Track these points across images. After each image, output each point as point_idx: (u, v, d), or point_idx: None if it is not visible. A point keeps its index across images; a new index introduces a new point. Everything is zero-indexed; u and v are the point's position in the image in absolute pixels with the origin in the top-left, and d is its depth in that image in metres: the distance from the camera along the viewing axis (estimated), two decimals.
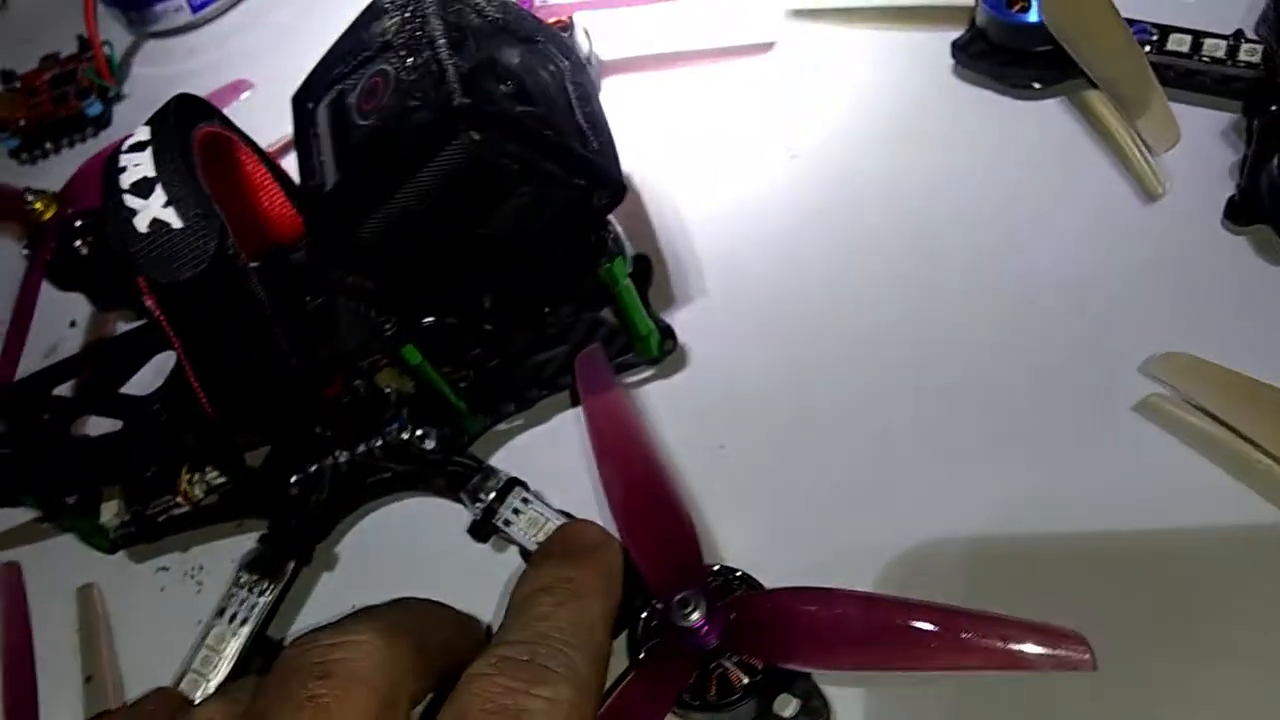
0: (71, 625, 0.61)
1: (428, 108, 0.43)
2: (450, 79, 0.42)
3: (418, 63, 0.44)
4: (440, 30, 0.44)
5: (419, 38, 0.45)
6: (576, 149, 0.46)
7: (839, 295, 0.58)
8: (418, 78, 0.43)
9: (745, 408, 0.57)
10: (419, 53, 0.44)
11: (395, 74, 0.44)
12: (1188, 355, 0.49)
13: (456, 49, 0.44)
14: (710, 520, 0.53)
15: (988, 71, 0.62)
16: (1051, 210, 0.57)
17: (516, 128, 0.43)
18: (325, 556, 0.58)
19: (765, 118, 0.66)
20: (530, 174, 0.45)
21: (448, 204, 0.45)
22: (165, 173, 0.46)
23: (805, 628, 0.44)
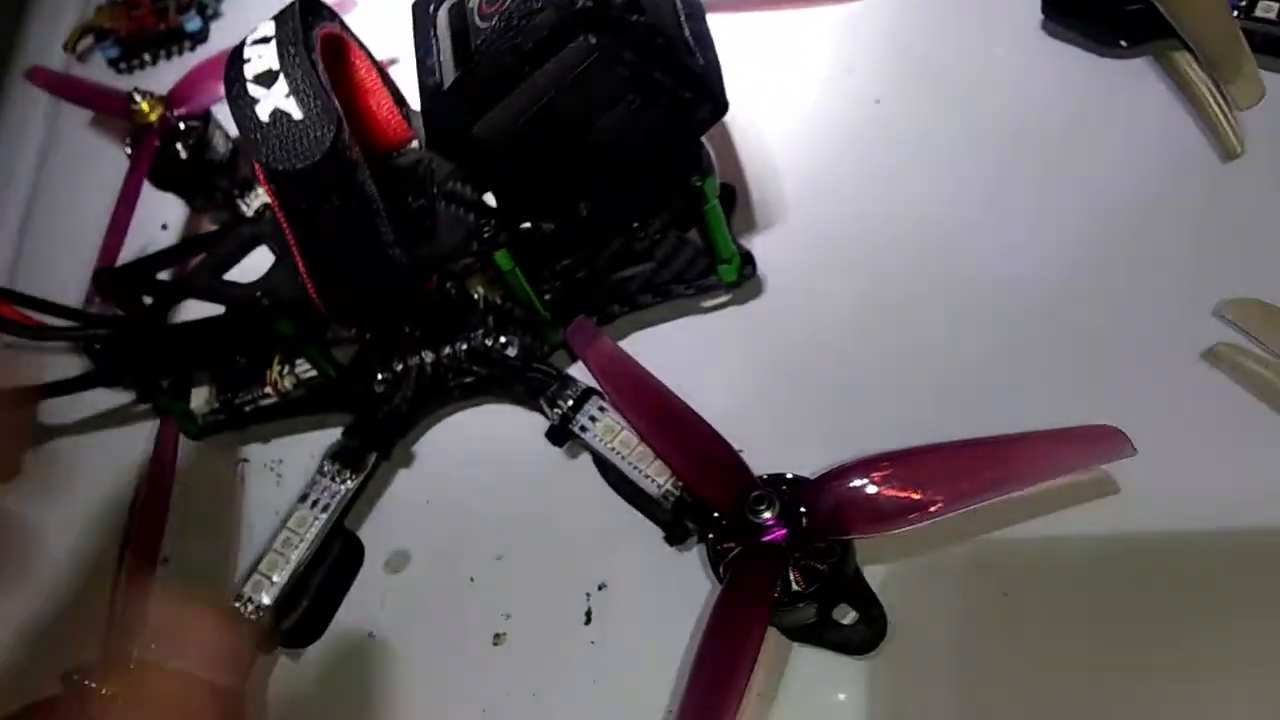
0: None
1: (550, 9, 0.44)
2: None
3: None
4: None
5: None
6: (685, 62, 0.47)
7: (916, 238, 0.60)
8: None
9: (817, 337, 0.58)
10: None
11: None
12: (1258, 300, 0.50)
13: None
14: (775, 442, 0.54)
15: (1077, 28, 0.62)
16: (1133, 163, 0.58)
17: (633, 34, 0.45)
18: (404, 454, 0.61)
19: (852, 63, 0.67)
20: (641, 82, 0.46)
21: (559, 106, 0.46)
22: (288, 65, 0.48)
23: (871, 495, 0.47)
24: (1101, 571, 0.48)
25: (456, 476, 0.60)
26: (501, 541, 0.57)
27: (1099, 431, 0.46)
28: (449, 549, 0.58)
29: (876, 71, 0.66)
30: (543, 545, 0.56)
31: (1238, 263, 0.54)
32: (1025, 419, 0.50)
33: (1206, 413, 0.50)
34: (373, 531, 0.59)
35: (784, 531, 0.47)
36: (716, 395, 0.56)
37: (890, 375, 0.56)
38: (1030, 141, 0.61)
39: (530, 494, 0.58)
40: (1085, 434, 0.46)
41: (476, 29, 0.47)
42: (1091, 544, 0.49)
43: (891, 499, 0.47)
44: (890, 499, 0.47)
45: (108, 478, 0.65)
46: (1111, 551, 0.48)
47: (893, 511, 0.46)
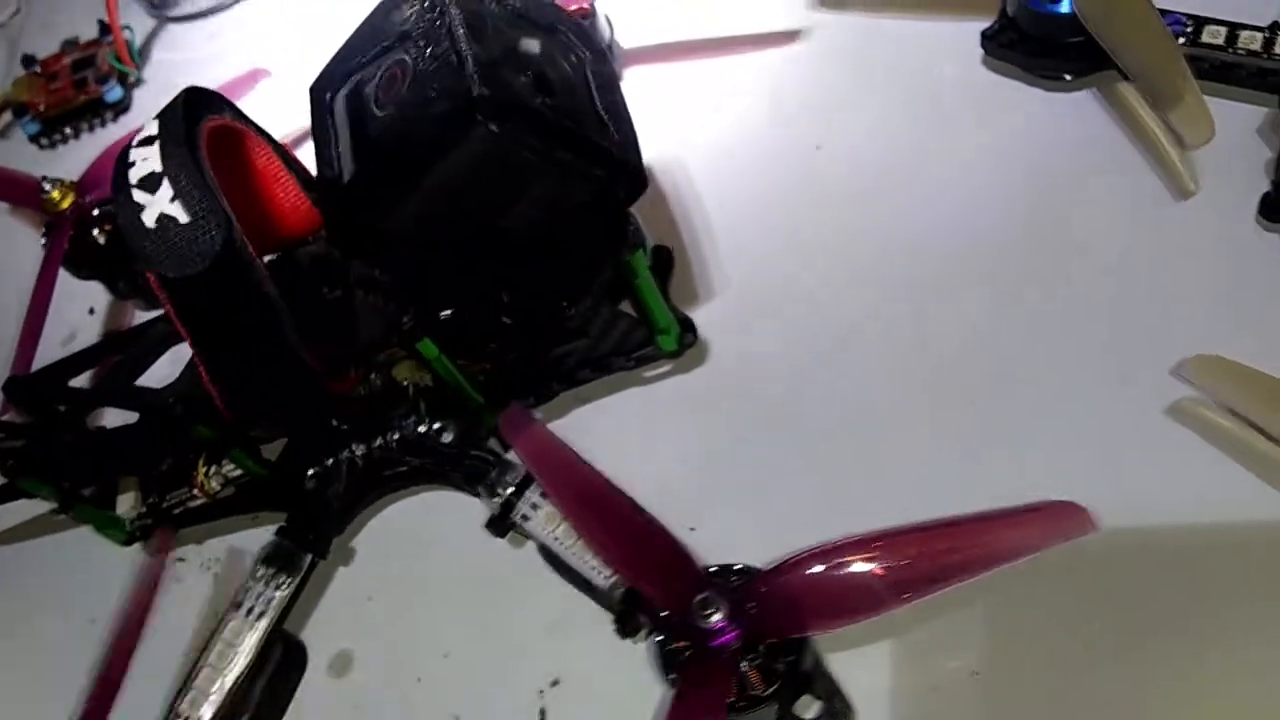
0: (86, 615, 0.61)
1: (447, 98, 0.42)
2: (469, 69, 0.42)
3: (437, 52, 0.43)
4: (459, 20, 0.43)
5: (438, 27, 0.44)
6: (596, 140, 0.45)
7: (863, 289, 0.58)
8: (437, 68, 0.43)
9: (765, 401, 0.56)
10: (438, 42, 0.43)
11: (414, 64, 0.44)
12: (1219, 358, 0.48)
13: (476, 39, 0.43)
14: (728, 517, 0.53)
15: (1018, 62, 0.60)
16: (1082, 205, 0.56)
17: (536, 119, 0.43)
18: (342, 550, 0.58)
19: (790, 109, 0.65)
20: (549, 165, 0.44)
21: (467, 195, 0.44)
22: (172, 167, 0.46)
23: (825, 587, 0.44)
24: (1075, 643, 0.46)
25: (398, 570, 0.57)
26: (449, 637, 0.55)
27: (1061, 509, 0.44)
28: (394, 648, 0.55)
29: (815, 117, 0.64)
30: (491, 640, 0.54)
31: (1196, 310, 0.52)
32: (985, 488, 0.48)
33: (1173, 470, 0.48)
34: (314, 633, 0.57)
35: (735, 633, 0.44)
36: (664, 469, 0.55)
37: (841, 444, 0.54)
38: (977, 186, 0.59)
39: (476, 584, 0.56)
40: (1047, 513, 0.44)
41: (374, 118, 0.45)
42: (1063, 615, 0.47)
43: (849, 592, 0.44)
44: (847, 592, 0.44)
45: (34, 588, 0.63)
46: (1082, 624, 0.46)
47: (851, 606, 0.44)
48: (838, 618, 0.44)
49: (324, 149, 0.47)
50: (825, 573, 0.45)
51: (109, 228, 0.65)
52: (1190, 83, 0.53)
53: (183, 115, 0.48)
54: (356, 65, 0.47)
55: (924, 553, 0.44)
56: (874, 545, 0.44)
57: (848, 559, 0.44)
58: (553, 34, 0.48)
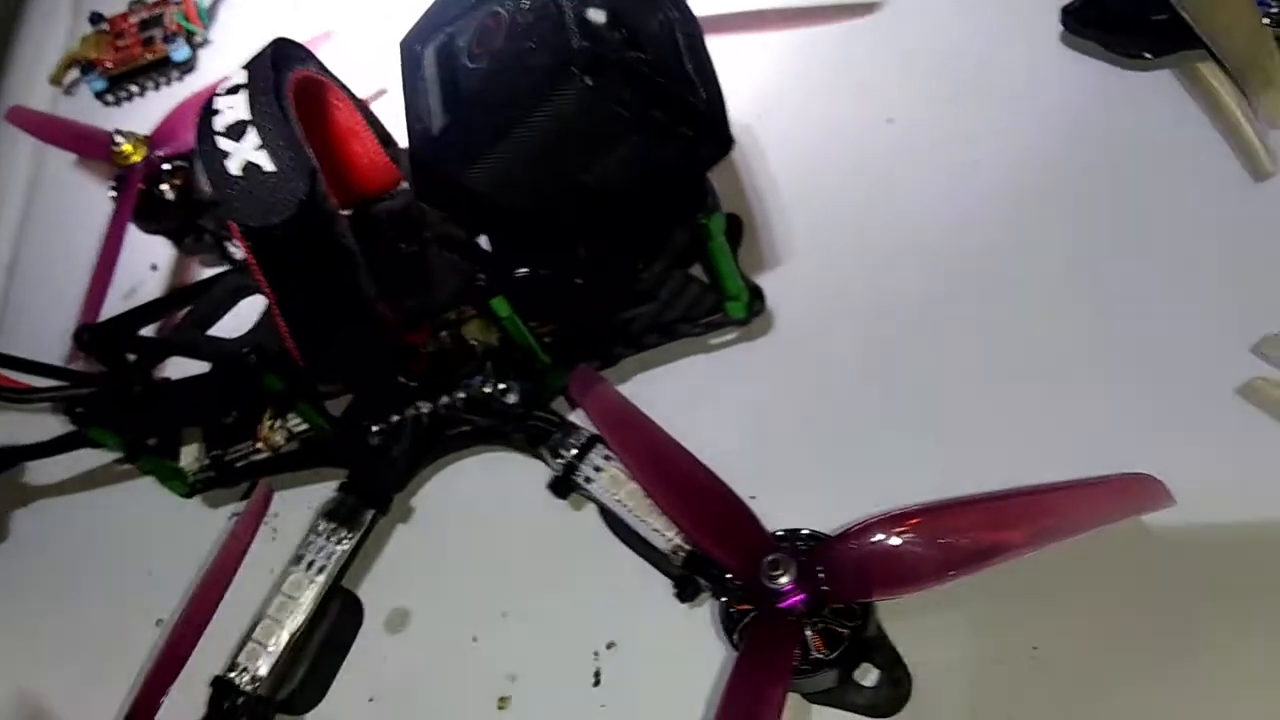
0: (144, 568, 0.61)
1: (544, 51, 0.42)
2: (569, 22, 0.42)
3: (535, 5, 0.43)
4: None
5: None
6: (686, 98, 0.45)
7: (934, 266, 0.57)
8: (534, 20, 0.43)
9: (830, 373, 0.56)
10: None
11: (510, 16, 0.44)
12: None
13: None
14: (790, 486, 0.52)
15: (1098, 39, 0.60)
16: (1160, 183, 0.56)
17: (630, 74, 0.43)
18: (403, 508, 0.58)
19: (863, 81, 0.64)
20: (640, 122, 0.44)
21: (557, 149, 0.44)
22: (259, 116, 0.46)
23: (894, 553, 0.44)
24: (1137, 623, 0.45)
25: (458, 530, 0.57)
26: (505, 597, 0.54)
27: (1137, 481, 0.44)
28: (451, 606, 0.55)
29: (887, 90, 0.64)
30: (548, 601, 0.54)
31: (1271, 290, 0.51)
32: (1055, 461, 0.47)
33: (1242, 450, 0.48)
34: (372, 589, 0.57)
35: (802, 596, 0.44)
36: (727, 438, 0.54)
37: (909, 415, 0.53)
38: (1053, 163, 0.58)
39: (535, 546, 0.56)
40: (1123, 484, 0.44)
41: (466, 70, 0.45)
42: (1125, 594, 0.46)
43: (917, 559, 0.44)
44: (916, 559, 0.44)
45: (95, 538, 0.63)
46: (1147, 602, 0.46)
47: (918, 573, 0.44)
48: (904, 584, 0.44)
49: (413, 102, 0.47)
50: (892, 540, 0.44)
51: (179, 183, 0.66)
52: (1277, 61, 0.52)
53: (270, 65, 0.48)
54: (449, 18, 0.47)
55: (992, 521, 0.44)
56: (941, 514, 0.44)
57: (916, 526, 0.44)
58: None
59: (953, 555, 0.43)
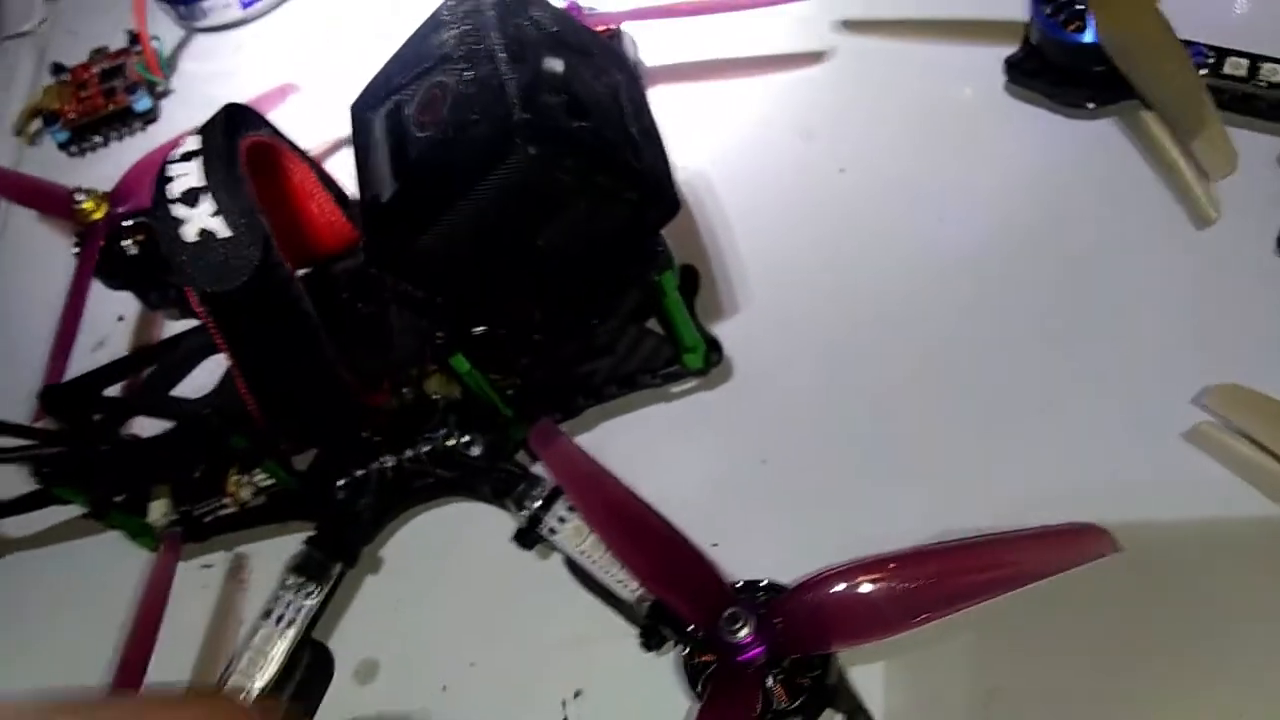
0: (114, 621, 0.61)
1: (486, 121, 0.43)
2: (510, 94, 0.43)
3: (477, 76, 0.44)
4: (500, 44, 0.44)
5: (478, 51, 0.45)
6: (630, 163, 0.45)
7: (885, 311, 0.58)
8: (476, 91, 0.44)
9: (788, 421, 0.57)
10: (478, 66, 0.44)
11: (454, 86, 0.45)
12: (1240, 387, 0.49)
13: (516, 63, 0.44)
14: (750, 534, 0.53)
15: (1041, 89, 0.61)
16: (1103, 232, 0.57)
17: (572, 142, 0.43)
18: (370, 560, 0.59)
19: (814, 131, 0.66)
20: (585, 188, 0.45)
21: (504, 217, 0.45)
22: (213, 182, 0.47)
23: (851, 605, 0.45)
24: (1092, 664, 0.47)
25: (426, 580, 0.58)
26: (474, 647, 0.55)
27: (1085, 530, 0.45)
28: (420, 657, 0.56)
29: (838, 140, 0.65)
30: (517, 650, 0.54)
31: (1215, 337, 0.53)
32: (1006, 509, 0.49)
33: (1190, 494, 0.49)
34: (341, 640, 0.57)
35: (762, 648, 0.45)
36: (689, 486, 0.55)
37: (867, 463, 0.55)
38: (1001, 213, 0.59)
39: (502, 595, 0.56)
40: (1068, 534, 0.45)
41: (414, 139, 0.46)
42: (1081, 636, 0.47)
43: (873, 610, 0.45)
44: (872, 610, 0.45)
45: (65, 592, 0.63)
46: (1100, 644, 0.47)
47: (875, 624, 0.45)
48: (861, 635, 0.45)
49: (365, 167, 0.48)
50: (849, 591, 0.45)
51: (141, 239, 0.66)
52: (1213, 114, 0.53)
53: (223, 131, 0.49)
54: (397, 85, 0.48)
55: (945, 572, 0.45)
56: (897, 564, 0.45)
57: (871, 577, 0.45)
58: (588, 57, 0.49)
59: (908, 606, 0.45)
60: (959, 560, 0.45)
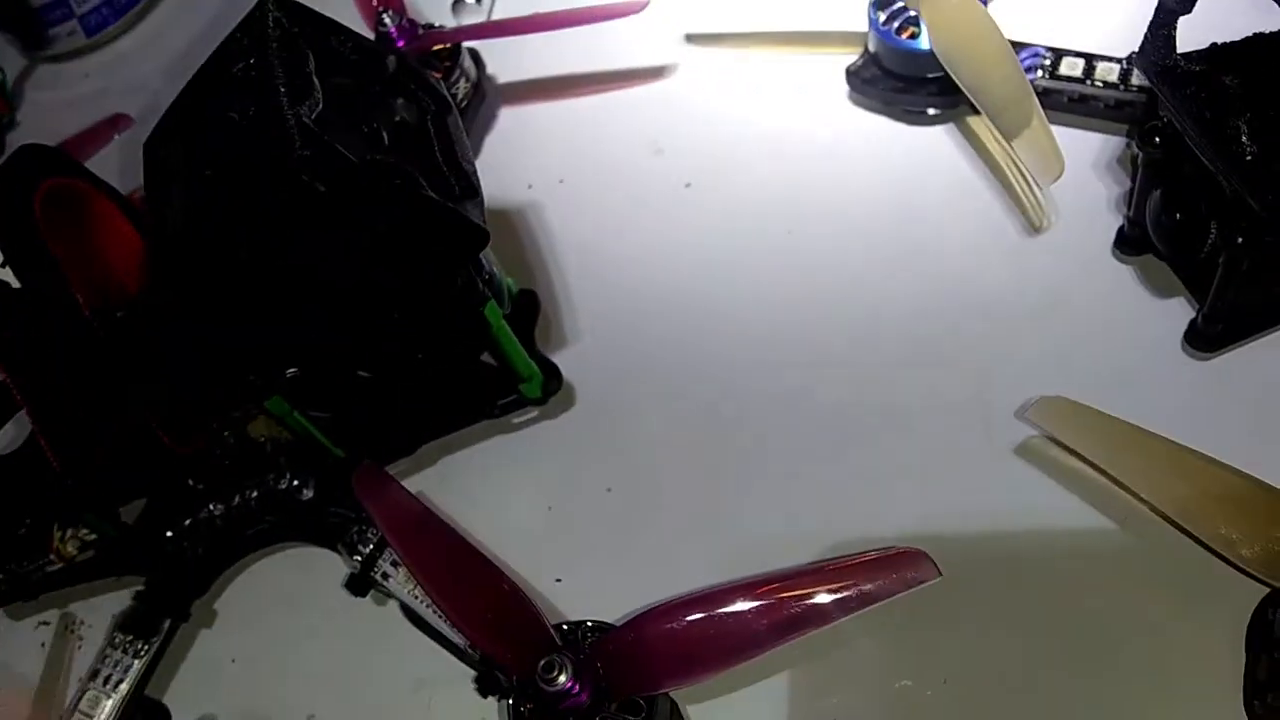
0: None
1: (271, 158, 0.41)
2: (291, 130, 0.41)
3: (260, 112, 0.42)
4: (282, 78, 0.42)
5: (262, 85, 0.43)
6: (430, 196, 0.44)
7: (731, 329, 0.57)
8: (260, 127, 0.42)
9: (633, 447, 0.55)
10: (261, 101, 0.42)
11: (240, 121, 0.43)
12: (1063, 401, 0.48)
13: (300, 98, 0.42)
14: (596, 566, 0.52)
15: (879, 98, 0.60)
16: (941, 241, 0.56)
17: (364, 177, 0.42)
18: (206, 611, 0.56)
19: (661, 146, 0.64)
20: (381, 222, 0.43)
21: (300, 252, 0.43)
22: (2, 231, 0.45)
23: (673, 644, 0.44)
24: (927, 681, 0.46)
25: (263, 630, 0.56)
26: (314, 698, 0.53)
27: (905, 557, 0.44)
28: (259, 711, 0.54)
29: (685, 155, 0.64)
30: (357, 700, 0.53)
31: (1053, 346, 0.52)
32: (848, 531, 0.49)
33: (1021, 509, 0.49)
34: (178, 697, 0.55)
35: (586, 696, 0.43)
36: (532, 518, 0.54)
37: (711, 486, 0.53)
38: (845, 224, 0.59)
39: (342, 643, 0.54)
40: (889, 561, 0.44)
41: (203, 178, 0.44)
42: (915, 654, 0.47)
43: (696, 648, 0.43)
44: (694, 648, 0.43)
45: None
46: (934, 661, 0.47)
47: (698, 662, 0.43)
48: (685, 674, 0.44)
49: (157, 207, 0.46)
50: (670, 629, 0.44)
51: None
52: (1041, 121, 0.53)
53: (16, 176, 0.47)
54: (188, 120, 0.46)
55: (767, 607, 0.44)
56: (716, 601, 0.44)
57: (695, 614, 0.44)
58: (394, 85, 0.47)
59: (730, 643, 0.43)
60: (777, 594, 0.44)
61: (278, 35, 0.43)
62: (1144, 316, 0.53)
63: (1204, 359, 0.51)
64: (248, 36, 0.44)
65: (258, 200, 0.42)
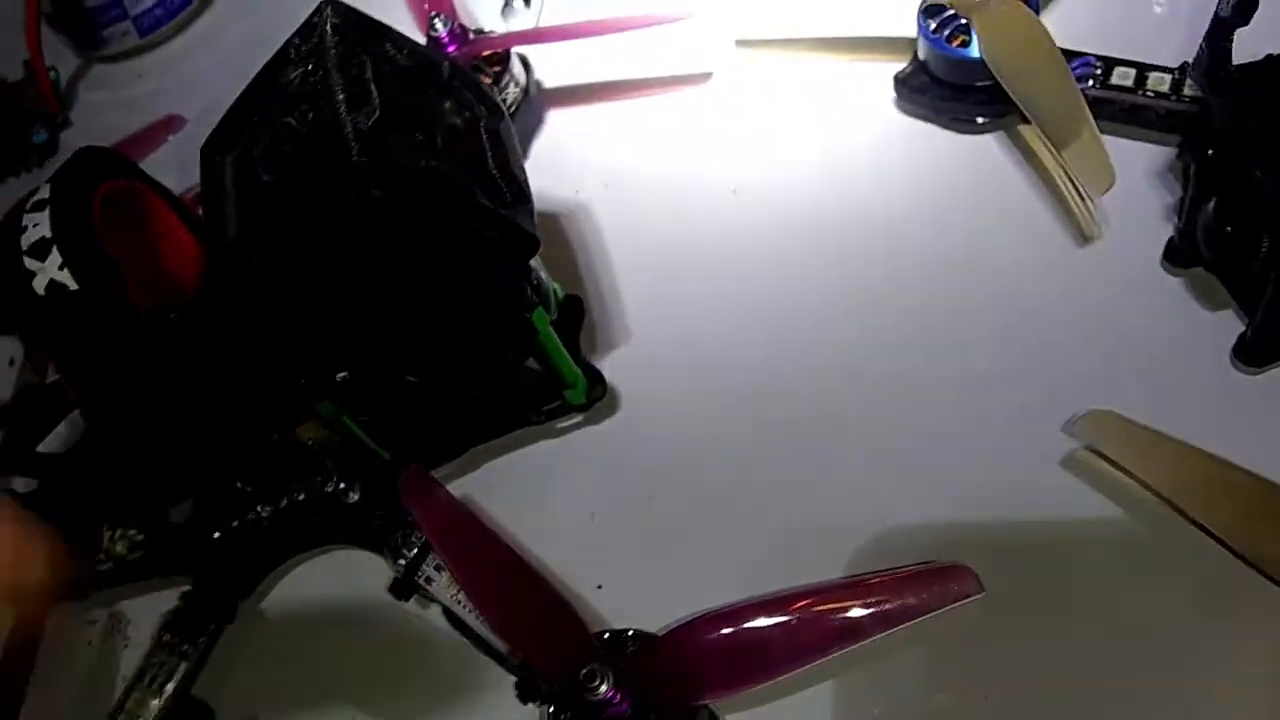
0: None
1: (328, 164, 0.41)
2: (348, 137, 0.41)
3: (317, 118, 0.42)
4: (340, 85, 0.43)
5: (320, 92, 0.43)
6: (483, 203, 0.44)
7: (777, 336, 0.57)
8: (318, 134, 0.42)
9: (676, 455, 0.55)
10: (319, 108, 0.43)
11: (297, 128, 0.43)
12: (1111, 415, 0.47)
13: (362, 100, 0.42)
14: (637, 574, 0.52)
15: (928, 105, 0.60)
16: (988, 251, 0.56)
17: (420, 183, 0.42)
18: (253, 613, 0.57)
19: (708, 151, 0.64)
20: (435, 228, 0.43)
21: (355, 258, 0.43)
22: (62, 233, 0.45)
23: (715, 655, 0.44)
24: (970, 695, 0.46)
25: (308, 630, 0.56)
26: (358, 696, 0.54)
27: (949, 572, 0.44)
28: (303, 709, 0.54)
29: (731, 160, 0.63)
30: (400, 700, 0.53)
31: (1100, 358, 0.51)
32: (893, 540, 0.49)
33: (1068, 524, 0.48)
34: (223, 695, 0.55)
35: (627, 705, 0.43)
36: (574, 524, 0.54)
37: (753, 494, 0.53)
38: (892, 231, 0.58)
39: (385, 644, 0.55)
40: (936, 575, 0.44)
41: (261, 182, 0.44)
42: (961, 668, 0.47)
43: (739, 658, 0.44)
44: (737, 658, 0.44)
45: None
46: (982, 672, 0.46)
47: (741, 672, 0.44)
48: (728, 687, 0.44)
49: (214, 212, 0.46)
50: (713, 639, 0.44)
51: None
52: (1093, 132, 0.52)
53: (76, 179, 0.48)
54: (245, 127, 0.46)
55: (810, 620, 0.44)
56: (759, 611, 0.44)
57: (738, 625, 0.44)
58: (446, 91, 0.47)
59: (772, 654, 0.44)
60: (825, 605, 0.44)
61: (335, 42, 0.43)
62: (1193, 330, 0.52)
63: (1254, 374, 0.50)
64: (305, 43, 0.44)
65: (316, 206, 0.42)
